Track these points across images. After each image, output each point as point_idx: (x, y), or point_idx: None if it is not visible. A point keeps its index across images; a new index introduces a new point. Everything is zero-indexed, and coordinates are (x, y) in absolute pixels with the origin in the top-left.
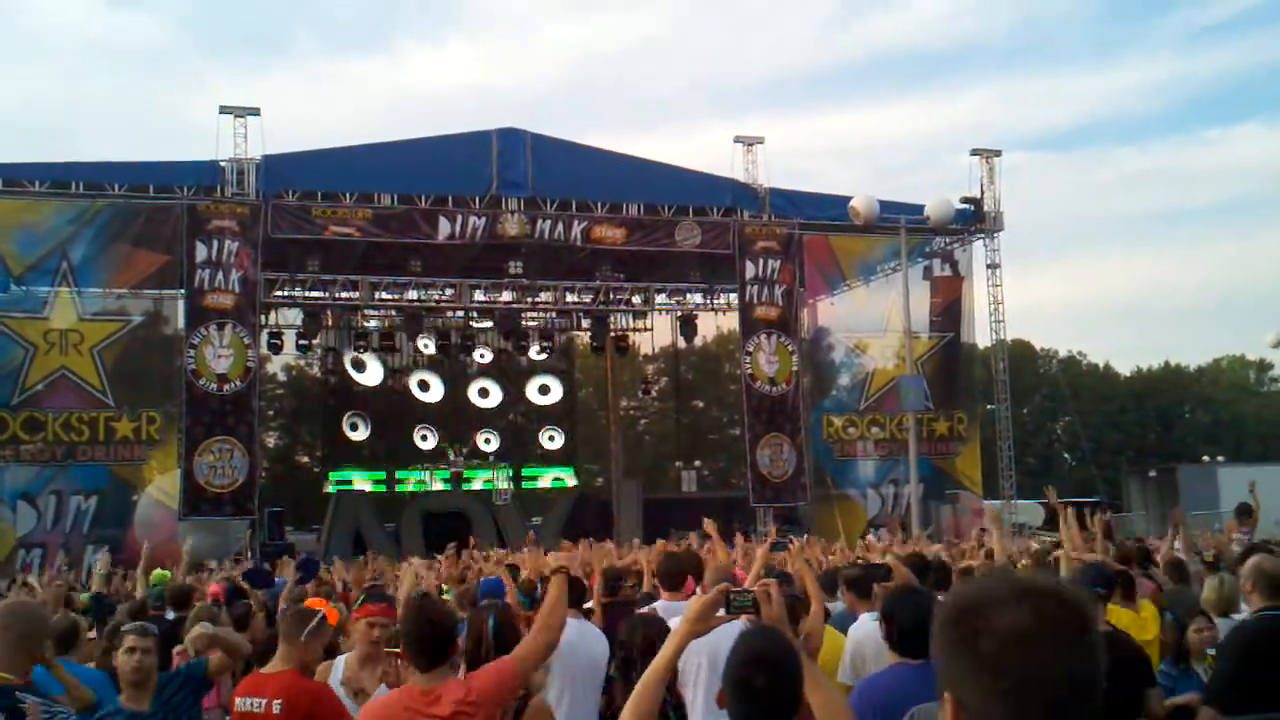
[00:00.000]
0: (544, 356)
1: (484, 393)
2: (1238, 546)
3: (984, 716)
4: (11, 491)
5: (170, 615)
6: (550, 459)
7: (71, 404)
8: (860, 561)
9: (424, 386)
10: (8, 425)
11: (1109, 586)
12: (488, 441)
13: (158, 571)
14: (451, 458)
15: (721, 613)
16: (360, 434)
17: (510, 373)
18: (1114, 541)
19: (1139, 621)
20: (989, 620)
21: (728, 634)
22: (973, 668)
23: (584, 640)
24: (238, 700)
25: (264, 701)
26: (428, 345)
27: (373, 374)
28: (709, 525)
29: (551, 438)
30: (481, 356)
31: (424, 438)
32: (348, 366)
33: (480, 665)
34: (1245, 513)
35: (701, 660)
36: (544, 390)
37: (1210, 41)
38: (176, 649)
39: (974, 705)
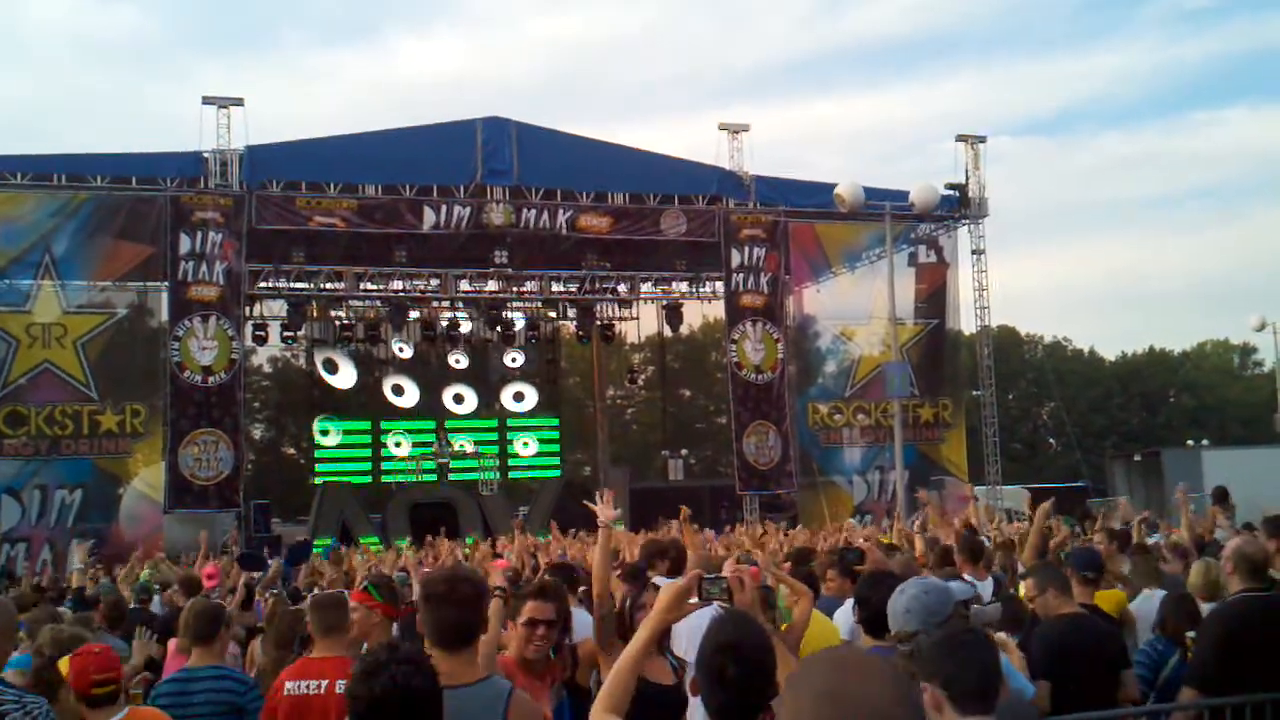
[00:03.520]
0: (519, 365)
1: (459, 399)
2: (1222, 530)
3: None
4: None
5: (155, 608)
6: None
7: (55, 398)
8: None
9: (398, 391)
10: None
11: (1097, 571)
12: (463, 447)
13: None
14: (438, 449)
15: (694, 600)
16: (332, 439)
17: (485, 379)
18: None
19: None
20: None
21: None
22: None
23: (581, 626)
24: (287, 684)
25: (324, 683)
26: (404, 349)
27: (345, 376)
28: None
29: (526, 444)
30: (457, 362)
31: (398, 444)
32: (319, 368)
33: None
34: (1223, 498)
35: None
36: (519, 398)
37: (1195, 26)
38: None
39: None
